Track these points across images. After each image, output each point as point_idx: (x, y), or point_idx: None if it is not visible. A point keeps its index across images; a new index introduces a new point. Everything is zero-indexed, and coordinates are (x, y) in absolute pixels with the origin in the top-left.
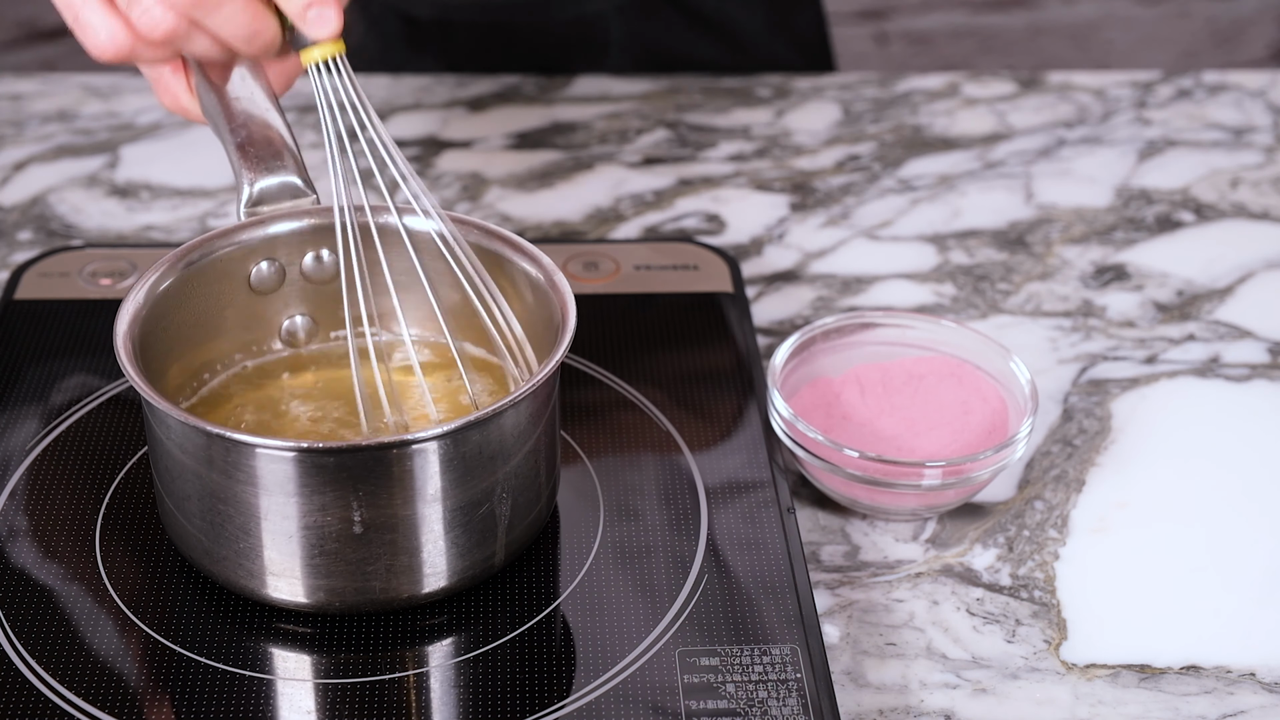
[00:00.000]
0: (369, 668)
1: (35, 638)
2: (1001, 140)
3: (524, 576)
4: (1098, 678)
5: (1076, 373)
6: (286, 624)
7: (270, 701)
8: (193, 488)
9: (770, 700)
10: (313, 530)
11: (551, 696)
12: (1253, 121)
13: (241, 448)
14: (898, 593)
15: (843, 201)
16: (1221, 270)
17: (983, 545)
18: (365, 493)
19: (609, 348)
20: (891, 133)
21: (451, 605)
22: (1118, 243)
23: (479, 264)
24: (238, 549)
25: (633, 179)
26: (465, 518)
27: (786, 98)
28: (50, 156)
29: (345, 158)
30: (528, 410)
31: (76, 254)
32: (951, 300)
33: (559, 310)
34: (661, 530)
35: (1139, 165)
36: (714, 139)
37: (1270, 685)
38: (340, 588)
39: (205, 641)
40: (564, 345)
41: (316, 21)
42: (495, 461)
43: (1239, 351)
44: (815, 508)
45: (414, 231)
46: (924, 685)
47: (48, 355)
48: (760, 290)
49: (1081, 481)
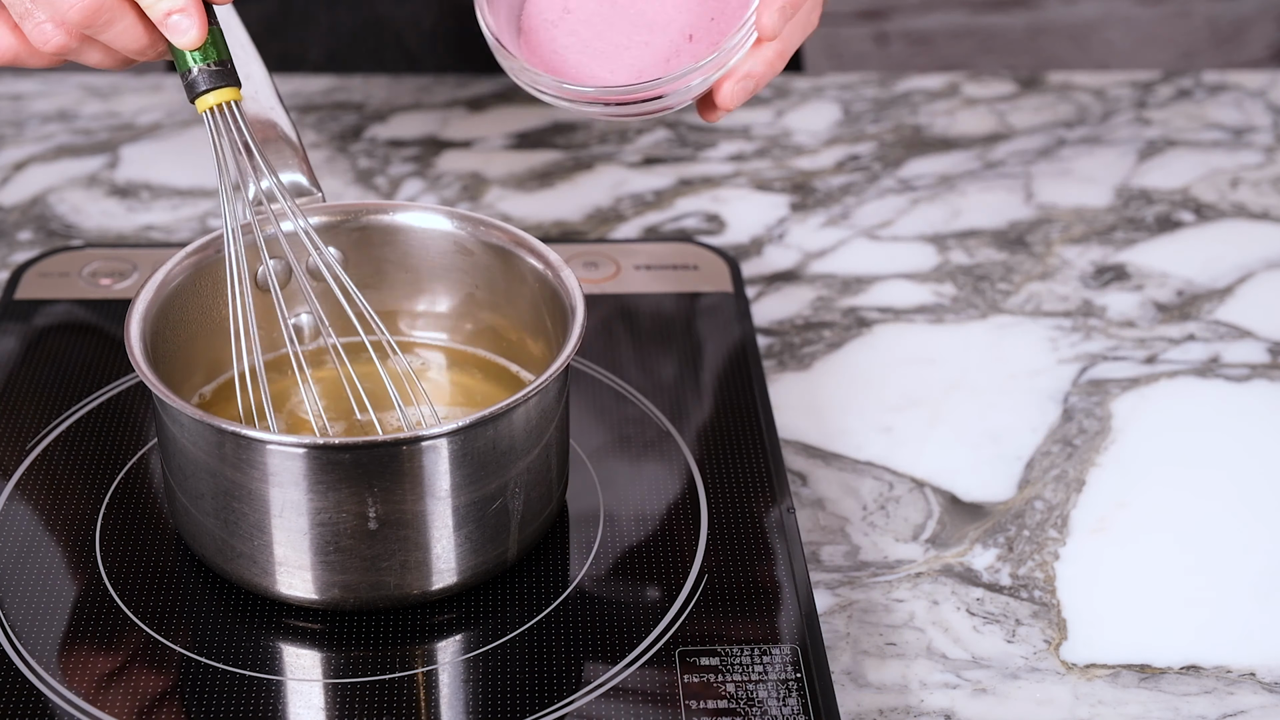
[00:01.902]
0: (377, 666)
1: (35, 638)
2: (1001, 140)
3: (530, 573)
4: (1098, 678)
5: (1076, 373)
6: (295, 621)
7: (277, 700)
8: (206, 485)
9: (770, 700)
10: (327, 527)
11: (551, 697)
12: (1253, 121)
13: (256, 445)
14: (898, 593)
15: (843, 201)
16: (1221, 270)
17: (983, 545)
18: (380, 489)
19: (609, 348)
20: (891, 133)
21: (456, 602)
22: (1118, 243)
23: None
24: (252, 546)
25: (633, 179)
26: (479, 514)
27: (786, 98)
28: (50, 156)
29: (237, 202)
30: (539, 406)
31: (76, 254)
32: (951, 300)
33: (567, 305)
34: (661, 530)
35: (1139, 165)
36: (714, 139)
37: (1270, 685)
38: (354, 584)
39: (207, 641)
40: (575, 339)
41: (176, 28)
42: (509, 457)
43: (1239, 351)
44: (815, 508)
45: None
46: (924, 685)
47: (48, 355)
48: (760, 290)
49: (1081, 481)
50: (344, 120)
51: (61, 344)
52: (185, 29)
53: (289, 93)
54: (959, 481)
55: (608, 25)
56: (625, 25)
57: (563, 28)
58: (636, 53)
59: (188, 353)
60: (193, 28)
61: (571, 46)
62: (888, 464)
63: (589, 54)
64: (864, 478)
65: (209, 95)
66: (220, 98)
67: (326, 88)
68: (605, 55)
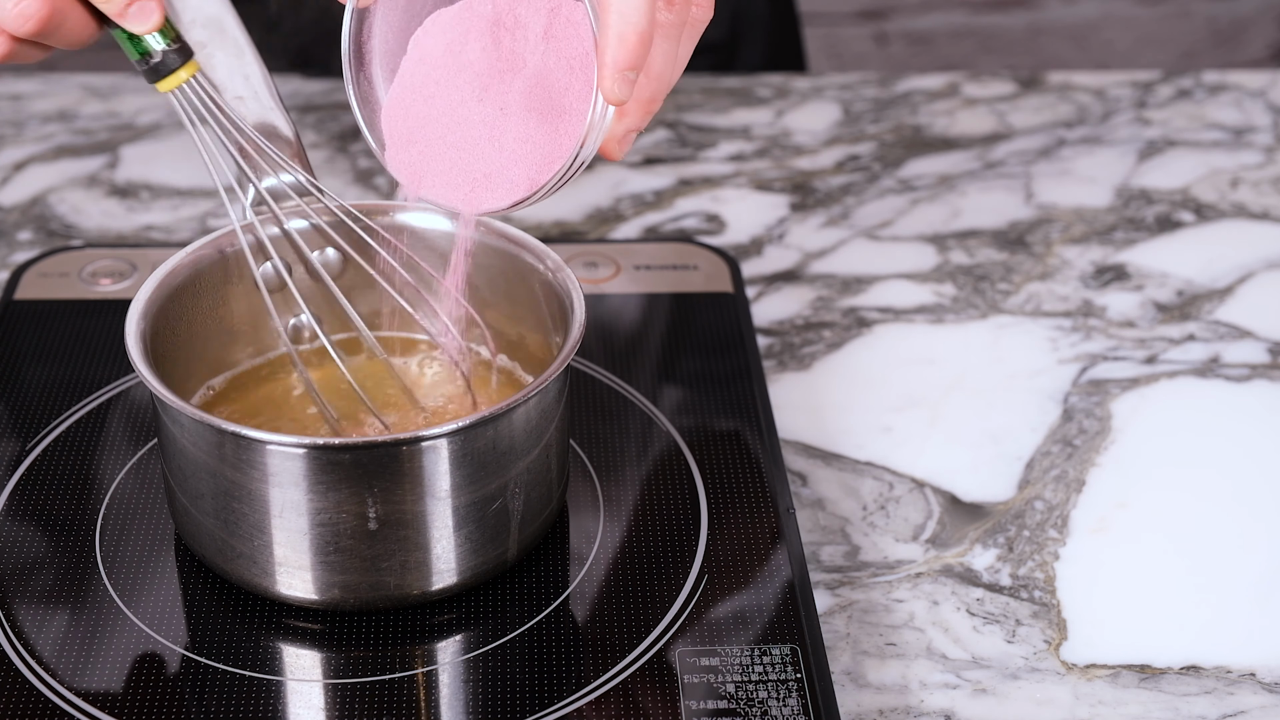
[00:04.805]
0: (377, 666)
1: (35, 638)
2: (1001, 140)
3: (530, 574)
4: (1098, 678)
5: (1076, 373)
6: (295, 621)
7: (277, 700)
8: (206, 486)
9: (770, 700)
10: (327, 527)
11: (551, 697)
12: (1253, 121)
13: (256, 445)
14: (898, 593)
15: (843, 201)
16: (1221, 270)
17: (983, 545)
18: (380, 489)
19: (609, 348)
20: (891, 133)
21: (456, 602)
22: (1118, 243)
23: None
24: (252, 546)
25: (633, 179)
26: (479, 514)
27: (786, 98)
28: (50, 156)
29: (233, 166)
30: (539, 406)
31: (76, 254)
32: (951, 300)
33: (567, 305)
34: (661, 530)
35: (1139, 165)
36: (714, 139)
37: (1270, 685)
38: (354, 584)
39: (207, 641)
40: (575, 339)
41: (138, 16)
42: (509, 457)
43: (1239, 352)
44: (815, 508)
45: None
46: (924, 685)
47: (48, 355)
48: (760, 290)
49: (1081, 481)
50: (344, 120)
51: (61, 344)
52: (148, 14)
53: (289, 93)
54: (959, 481)
55: (461, 159)
56: (477, 155)
57: (414, 151)
58: (511, 172)
59: (188, 353)
60: (155, 12)
61: (437, 175)
62: (888, 464)
63: (458, 186)
64: (864, 478)
65: (181, 72)
66: (189, 71)
67: (326, 88)
68: (477, 183)
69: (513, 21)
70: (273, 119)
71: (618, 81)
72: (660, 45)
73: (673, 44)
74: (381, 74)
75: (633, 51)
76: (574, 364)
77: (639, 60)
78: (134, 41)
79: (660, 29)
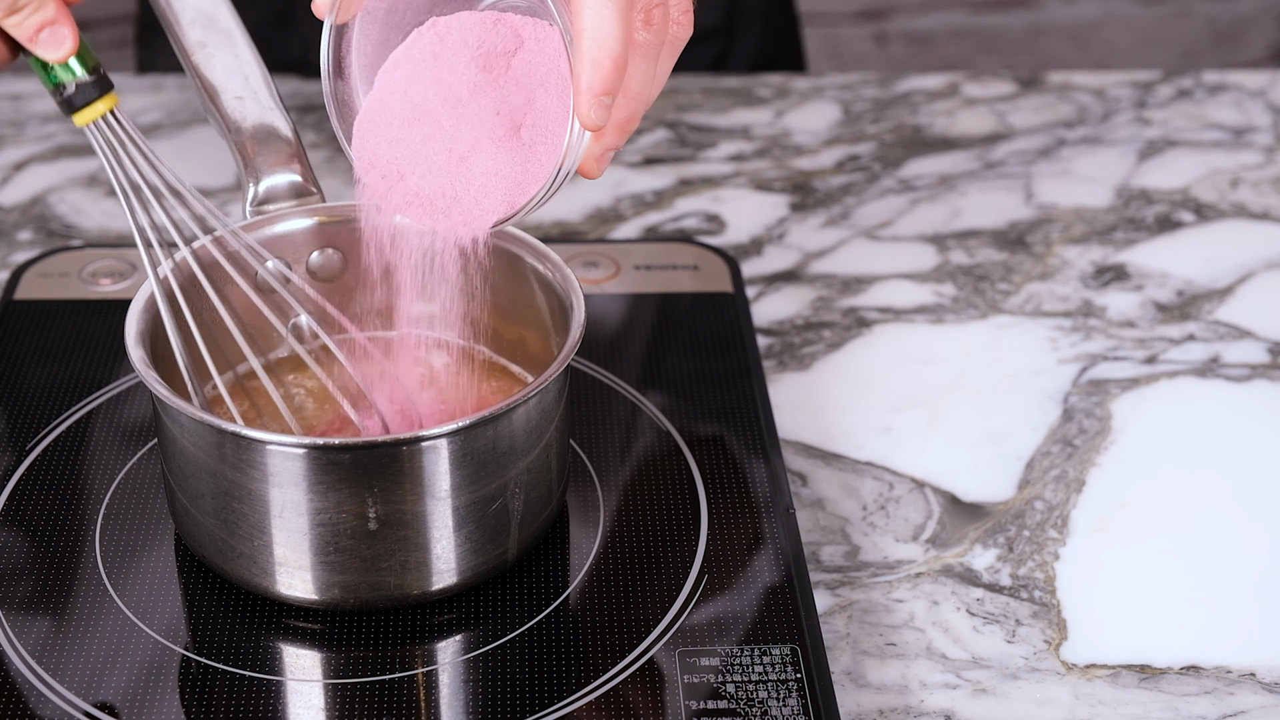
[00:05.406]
0: (377, 666)
1: (35, 638)
2: (1001, 140)
3: (530, 574)
4: (1098, 678)
5: (1076, 373)
6: (295, 621)
7: (277, 700)
8: (206, 486)
9: (770, 700)
10: (327, 527)
11: (551, 697)
12: (1253, 121)
13: (256, 445)
14: (898, 593)
15: (843, 201)
16: (1221, 270)
17: (983, 545)
18: (380, 489)
19: (608, 348)
20: (891, 133)
21: (456, 602)
22: (1118, 243)
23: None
24: (252, 546)
25: (633, 179)
26: (479, 514)
27: (786, 98)
28: (50, 156)
29: (142, 205)
30: (539, 406)
31: (76, 254)
32: (951, 300)
33: (567, 305)
34: (661, 530)
35: (1139, 165)
36: (714, 139)
37: (1270, 685)
38: (354, 584)
39: (207, 641)
40: (575, 339)
41: (49, 42)
42: (509, 457)
43: (1239, 352)
44: (815, 508)
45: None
46: (924, 685)
47: (48, 355)
48: (760, 290)
49: (1081, 481)
50: None
51: (61, 344)
52: (61, 39)
53: (289, 93)
54: (959, 481)
55: (435, 183)
56: (452, 178)
57: (398, 195)
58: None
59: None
60: (68, 38)
61: (408, 197)
62: (888, 464)
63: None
64: (864, 478)
65: (99, 104)
66: (108, 104)
67: None
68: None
69: (489, 45)
70: (272, 119)
71: (594, 107)
72: (638, 65)
73: (651, 64)
74: (361, 87)
75: (607, 77)
76: (574, 364)
77: (614, 85)
78: (47, 70)
79: (638, 49)
